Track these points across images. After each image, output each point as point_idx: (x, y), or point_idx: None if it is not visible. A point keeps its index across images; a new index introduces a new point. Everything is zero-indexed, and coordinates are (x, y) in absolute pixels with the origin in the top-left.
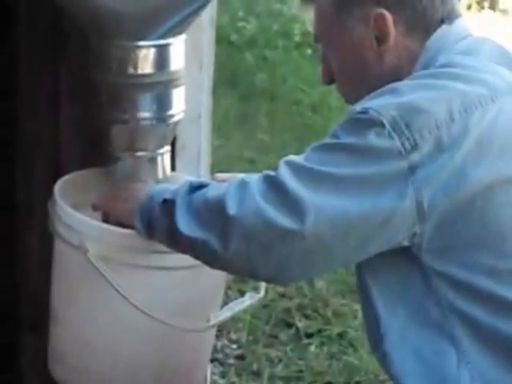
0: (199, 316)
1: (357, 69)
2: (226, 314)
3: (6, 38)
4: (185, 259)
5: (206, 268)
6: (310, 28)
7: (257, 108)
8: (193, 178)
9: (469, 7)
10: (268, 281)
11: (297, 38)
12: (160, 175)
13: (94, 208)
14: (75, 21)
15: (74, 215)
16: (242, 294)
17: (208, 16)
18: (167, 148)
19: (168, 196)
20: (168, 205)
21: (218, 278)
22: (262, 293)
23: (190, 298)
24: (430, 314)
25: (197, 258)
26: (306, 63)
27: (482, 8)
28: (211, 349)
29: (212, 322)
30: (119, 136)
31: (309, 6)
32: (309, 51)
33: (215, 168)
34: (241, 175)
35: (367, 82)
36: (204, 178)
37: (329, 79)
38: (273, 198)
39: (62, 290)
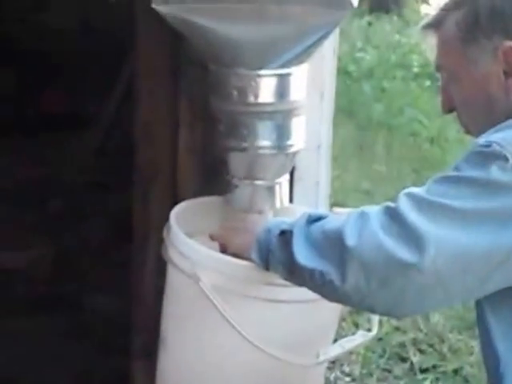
0: (309, 351)
1: (481, 102)
2: (336, 351)
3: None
4: (298, 293)
5: (320, 303)
6: (430, 56)
7: (374, 139)
8: (310, 210)
9: None
10: (383, 314)
11: (415, 69)
12: (278, 205)
13: (212, 238)
14: (195, 49)
15: (188, 243)
16: (356, 326)
17: (330, 46)
18: (286, 177)
19: (285, 227)
20: (285, 236)
21: (331, 314)
22: (375, 331)
23: (301, 332)
24: None
25: (313, 289)
26: (425, 94)
27: None
28: (322, 383)
29: (321, 359)
30: (238, 164)
31: (428, 33)
32: (427, 82)
33: (331, 199)
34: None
35: (490, 115)
36: (322, 209)
37: (449, 109)
38: (392, 230)
39: (172, 317)
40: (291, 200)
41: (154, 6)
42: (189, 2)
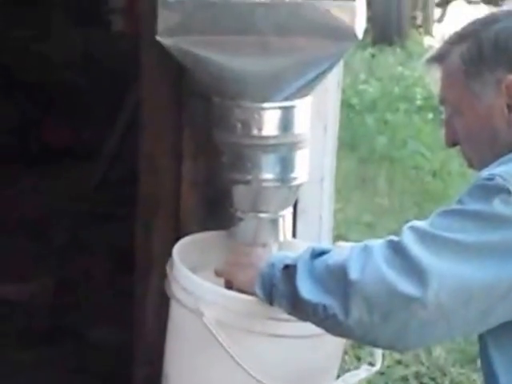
0: None
1: (484, 135)
2: None
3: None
4: (302, 328)
5: (324, 338)
6: (434, 89)
7: (376, 171)
8: (315, 244)
9: None
10: (386, 348)
11: (418, 102)
12: (281, 238)
13: (217, 274)
14: (199, 81)
15: (192, 278)
16: (358, 359)
17: (334, 78)
18: (289, 210)
19: (289, 262)
20: (289, 270)
21: (335, 349)
22: (378, 366)
23: (305, 367)
24: None
25: (317, 323)
26: (427, 127)
27: None
28: None
29: None
30: (241, 197)
31: (432, 66)
32: (430, 115)
33: (333, 231)
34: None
35: (494, 149)
36: (325, 242)
37: (452, 143)
38: (396, 264)
39: (176, 352)
40: (294, 232)
41: (158, 38)
42: (193, 34)
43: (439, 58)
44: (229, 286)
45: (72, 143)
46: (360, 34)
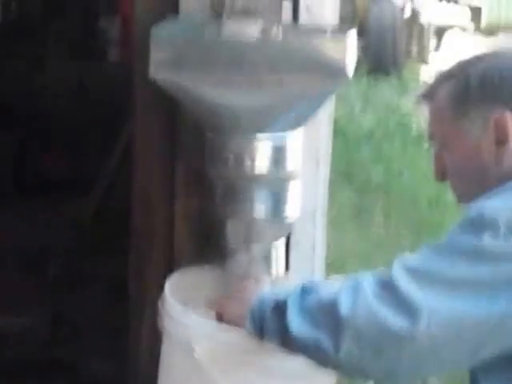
0: None
1: (473, 170)
2: None
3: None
4: (294, 361)
5: (316, 375)
6: (424, 125)
7: (372, 202)
8: (305, 280)
9: None
10: (377, 381)
11: (414, 132)
12: (274, 271)
13: (208, 306)
14: (192, 116)
15: (183, 313)
16: None
17: (326, 112)
18: (282, 243)
19: (279, 298)
20: (280, 307)
21: (328, 382)
22: None
23: None
24: None
25: (308, 357)
26: (423, 157)
27: None
28: None
29: None
30: (234, 230)
31: (422, 103)
32: (425, 145)
33: (328, 263)
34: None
35: (482, 183)
36: (318, 274)
37: (442, 177)
38: (386, 299)
39: None
40: (287, 265)
41: (151, 73)
42: (185, 70)
43: (428, 95)
44: (219, 318)
45: (68, 174)
46: (350, 70)
